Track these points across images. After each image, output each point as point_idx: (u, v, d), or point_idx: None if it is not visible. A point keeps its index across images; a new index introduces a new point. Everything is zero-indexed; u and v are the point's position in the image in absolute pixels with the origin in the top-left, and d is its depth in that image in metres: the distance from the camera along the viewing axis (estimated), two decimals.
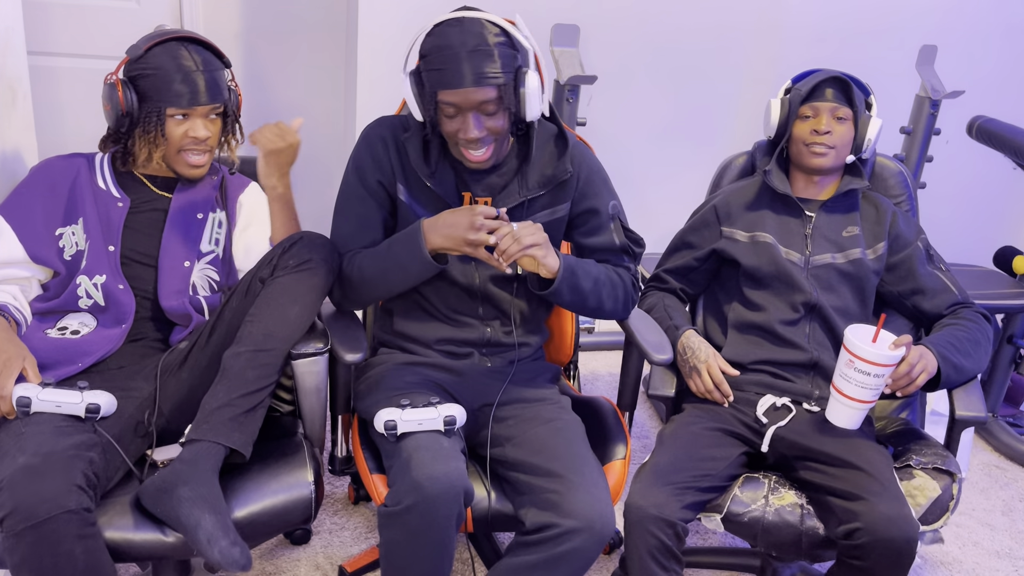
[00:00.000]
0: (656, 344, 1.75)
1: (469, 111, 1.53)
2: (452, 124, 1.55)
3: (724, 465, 1.69)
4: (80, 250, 1.67)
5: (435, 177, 1.66)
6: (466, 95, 1.51)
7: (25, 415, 1.44)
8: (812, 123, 1.84)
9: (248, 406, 1.51)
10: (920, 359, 1.66)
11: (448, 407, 1.54)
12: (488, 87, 1.51)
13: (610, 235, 1.74)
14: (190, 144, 1.67)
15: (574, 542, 1.46)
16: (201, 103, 1.65)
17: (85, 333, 1.64)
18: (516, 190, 1.68)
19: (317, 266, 1.58)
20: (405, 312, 1.76)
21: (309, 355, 1.63)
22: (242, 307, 1.59)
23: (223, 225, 1.79)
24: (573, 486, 1.49)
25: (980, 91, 3.39)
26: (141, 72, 1.64)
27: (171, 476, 1.43)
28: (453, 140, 1.58)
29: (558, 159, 1.69)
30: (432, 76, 1.52)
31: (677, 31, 3.04)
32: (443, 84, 1.51)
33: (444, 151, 1.68)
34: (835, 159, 1.84)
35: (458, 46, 1.50)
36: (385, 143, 1.68)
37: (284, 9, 3.02)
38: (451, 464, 1.46)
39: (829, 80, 1.84)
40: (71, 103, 2.95)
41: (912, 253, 1.89)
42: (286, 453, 1.62)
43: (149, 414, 1.59)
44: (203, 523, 1.38)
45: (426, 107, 1.56)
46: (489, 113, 1.54)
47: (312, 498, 1.56)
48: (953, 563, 2.28)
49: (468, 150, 1.58)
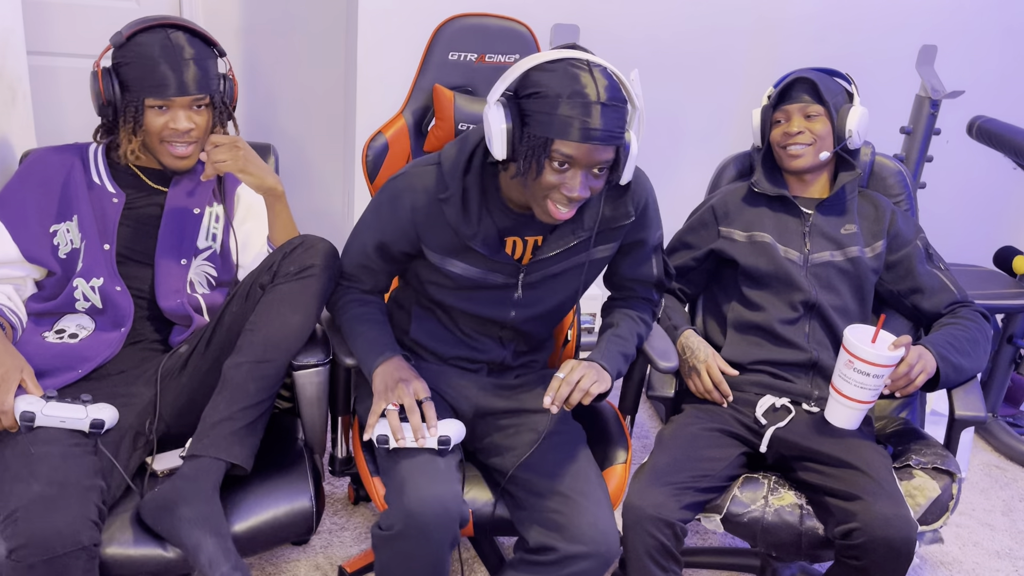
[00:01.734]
0: (662, 351, 1.74)
1: (582, 169, 1.36)
2: (555, 177, 1.36)
3: (723, 466, 1.69)
4: (75, 248, 1.63)
5: (477, 238, 1.50)
6: (591, 152, 1.34)
7: (29, 430, 1.42)
8: (784, 127, 1.86)
9: (249, 419, 1.50)
10: (919, 359, 1.66)
11: (445, 425, 1.51)
12: (612, 148, 1.36)
13: (650, 268, 1.69)
14: (171, 136, 1.60)
15: (580, 566, 1.45)
16: (182, 94, 1.57)
17: (84, 336, 1.62)
18: (570, 230, 1.53)
19: (319, 273, 1.55)
20: (424, 323, 1.68)
21: (311, 366, 1.61)
22: (242, 313, 1.56)
23: (220, 219, 1.74)
24: (578, 508, 1.47)
25: (980, 91, 3.38)
26: (123, 60, 1.58)
27: (172, 494, 1.41)
28: (543, 193, 1.39)
29: (618, 198, 1.55)
30: (552, 121, 1.32)
31: (677, 31, 3.03)
32: (567, 135, 1.32)
33: (484, 200, 1.52)
34: (813, 156, 1.85)
35: (592, 96, 1.32)
36: (415, 211, 1.52)
37: (284, 7, 3.02)
38: (445, 487, 1.43)
39: (796, 81, 1.85)
40: (71, 103, 2.95)
41: (911, 252, 1.89)
42: (286, 464, 1.60)
43: (149, 422, 1.57)
44: (204, 546, 1.37)
45: (523, 148, 1.36)
46: (596, 173, 1.39)
47: (313, 511, 1.55)
48: (953, 563, 2.28)
49: (557, 206, 1.40)
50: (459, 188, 1.48)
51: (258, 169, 1.63)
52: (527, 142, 1.36)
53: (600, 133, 1.32)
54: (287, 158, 3.19)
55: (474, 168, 1.49)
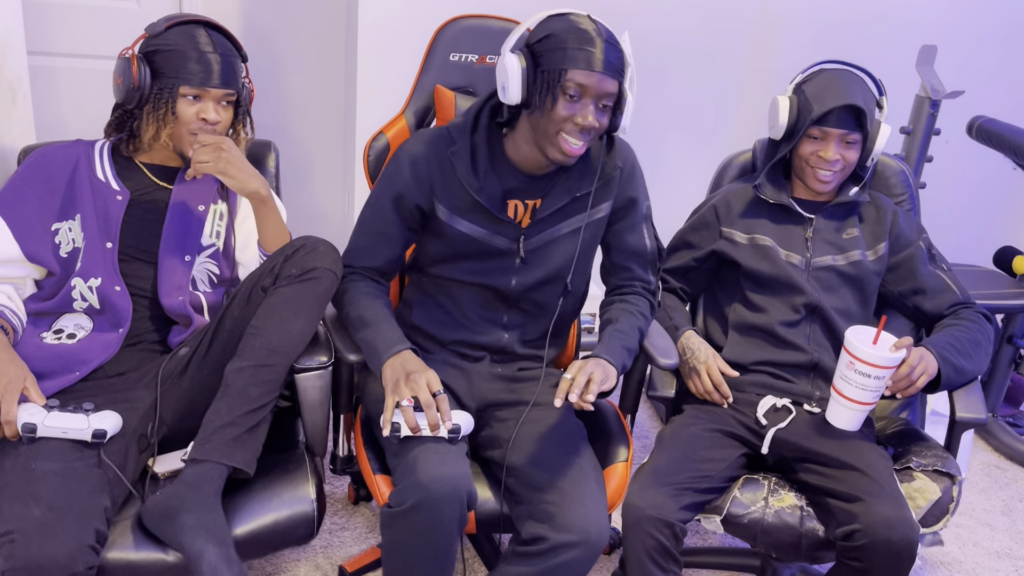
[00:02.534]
0: (663, 349, 1.74)
1: (592, 98, 1.52)
2: (569, 108, 1.51)
3: (723, 466, 1.69)
4: (76, 248, 1.63)
5: (483, 191, 1.62)
6: (600, 80, 1.50)
7: (31, 441, 1.41)
8: (820, 148, 1.79)
9: (251, 423, 1.49)
10: (920, 361, 1.66)
11: (455, 415, 1.53)
12: (617, 80, 1.52)
13: (642, 237, 1.74)
14: (200, 127, 1.62)
15: (568, 555, 1.46)
16: (215, 85, 1.61)
17: (82, 336, 1.61)
18: (565, 187, 1.66)
19: (321, 275, 1.54)
20: (425, 307, 1.74)
21: (313, 369, 1.61)
22: (243, 316, 1.56)
23: (224, 217, 1.74)
24: (570, 499, 1.49)
25: (980, 91, 3.38)
26: (158, 48, 1.60)
27: (175, 501, 1.41)
28: (556, 128, 1.53)
29: (607, 155, 1.69)
30: (565, 55, 1.49)
31: (677, 31, 3.03)
32: (578, 64, 1.48)
33: (492, 159, 1.65)
34: (838, 181, 1.84)
35: (595, 34, 1.51)
36: (428, 161, 1.64)
37: (284, 9, 3.02)
38: (456, 467, 1.45)
39: (844, 108, 1.75)
40: (71, 103, 2.95)
41: (914, 253, 1.89)
42: (288, 468, 1.60)
43: (151, 426, 1.57)
44: (207, 555, 1.37)
45: (538, 86, 1.52)
46: (603, 108, 1.54)
47: (314, 515, 1.55)
48: (953, 563, 2.28)
49: (570, 139, 1.53)
50: (467, 144, 1.62)
51: (240, 172, 1.62)
52: (541, 79, 1.51)
53: (606, 64, 1.50)
54: (287, 159, 3.19)
55: (481, 128, 1.63)
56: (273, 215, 1.70)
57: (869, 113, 1.78)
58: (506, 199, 1.65)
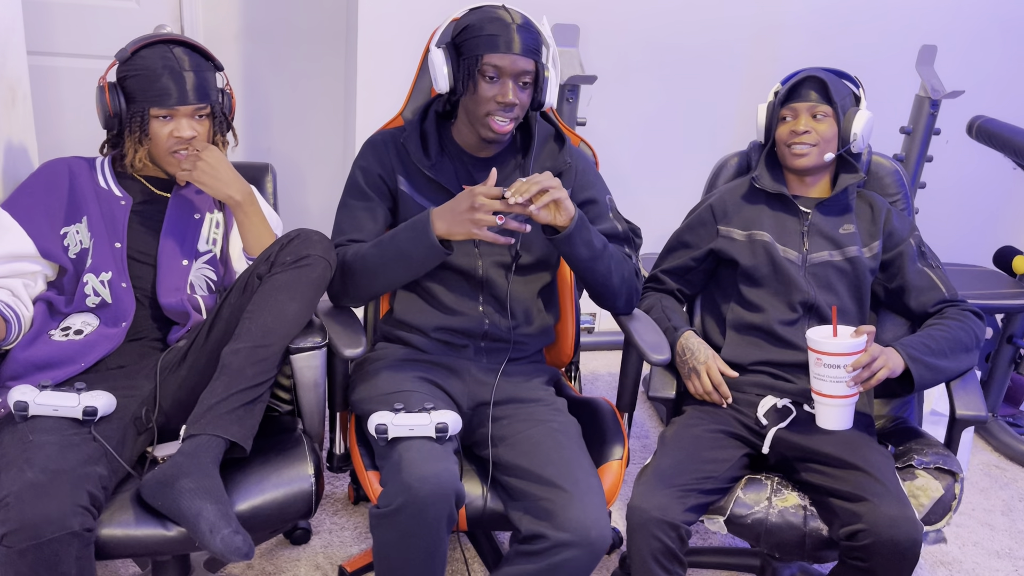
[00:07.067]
0: (654, 344, 1.75)
1: (510, 77, 1.64)
2: (490, 89, 1.64)
3: (726, 467, 1.69)
4: (85, 248, 1.68)
5: (435, 168, 1.74)
6: (514, 61, 1.63)
7: (24, 419, 1.44)
8: (791, 124, 1.86)
9: (247, 400, 1.51)
10: (882, 353, 1.67)
11: (441, 414, 1.53)
12: (531, 59, 1.65)
13: (612, 223, 1.80)
14: (176, 144, 1.68)
15: (570, 554, 1.46)
16: (184, 103, 1.66)
17: (89, 332, 1.65)
18: (514, 166, 1.77)
19: (315, 262, 1.58)
20: (405, 300, 1.79)
21: (307, 349, 1.63)
22: (240, 304, 1.59)
23: (220, 226, 1.80)
24: (568, 497, 1.49)
25: (980, 91, 3.39)
26: (127, 73, 1.67)
27: (172, 469, 1.43)
28: (484, 109, 1.65)
29: (555, 152, 1.80)
30: (480, 41, 1.63)
31: (676, 31, 3.04)
32: (492, 48, 1.62)
33: (442, 145, 1.77)
34: (817, 157, 1.85)
35: (507, 20, 1.64)
36: (386, 144, 1.78)
37: (284, 10, 3.02)
38: (442, 465, 1.46)
39: (806, 80, 1.85)
40: (71, 103, 2.95)
41: (904, 250, 1.89)
42: (286, 448, 1.63)
43: (148, 411, 1.60)
44: (205, 513, 1.38)
45: (462, 73, 1.65)
46: (522, 85, 1.66)
47: (313, 491, 1.57)
48: (953, 563, 2.28)
49: (496, 118, 1.65)
50: (416, 130, 1.76)
51: (213, 179, 1.67)
52: (463, 66, 1.65)
53: (519, 45, 1.63)
54: (287, 159, 3.19)
55: (429, 118, 1.78)
56: (252, 220, 1.74)
57: (835, 89, 1.84)
58: (460, 182, 1.76)
